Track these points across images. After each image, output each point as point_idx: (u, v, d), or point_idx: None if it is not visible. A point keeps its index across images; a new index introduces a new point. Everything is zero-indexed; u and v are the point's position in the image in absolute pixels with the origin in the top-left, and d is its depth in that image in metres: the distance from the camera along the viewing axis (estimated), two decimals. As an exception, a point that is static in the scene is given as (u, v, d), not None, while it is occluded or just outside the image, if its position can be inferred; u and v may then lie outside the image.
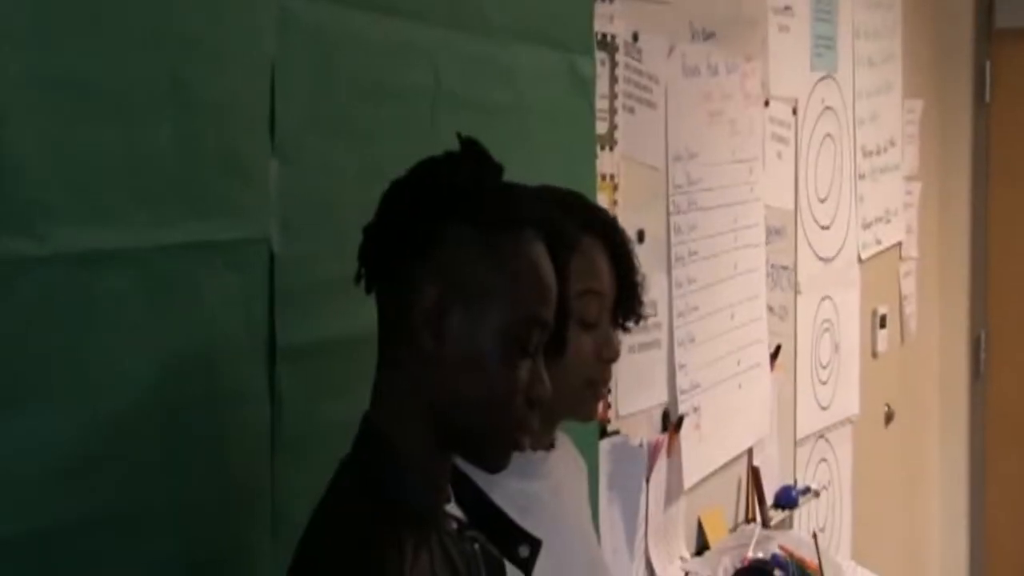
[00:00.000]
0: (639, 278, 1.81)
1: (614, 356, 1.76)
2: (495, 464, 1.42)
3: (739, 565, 2.67)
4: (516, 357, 1.38)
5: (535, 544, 1.50)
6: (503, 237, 1.38)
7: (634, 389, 2.72)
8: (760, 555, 2.70)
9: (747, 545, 2.70)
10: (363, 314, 1.54)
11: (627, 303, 1.78)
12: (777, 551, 2.67)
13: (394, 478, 1.36)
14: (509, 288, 1.37)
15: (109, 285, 1.47)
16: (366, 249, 1.44)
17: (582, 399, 1.78)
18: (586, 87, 2.36)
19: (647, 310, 2.70)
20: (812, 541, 2.70)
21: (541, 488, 1.78)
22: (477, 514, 1.50)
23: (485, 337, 1.36)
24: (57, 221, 1.40)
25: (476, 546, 1.43)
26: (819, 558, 2.60)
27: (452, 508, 1.45)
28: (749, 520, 3.28)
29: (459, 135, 1.46)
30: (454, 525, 1.43)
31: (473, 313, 1.36)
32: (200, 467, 1.62)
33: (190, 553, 1.59)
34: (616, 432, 2.66)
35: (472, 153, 1.43)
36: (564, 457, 1.87)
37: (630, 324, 1.82)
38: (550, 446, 1.82)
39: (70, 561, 1.43)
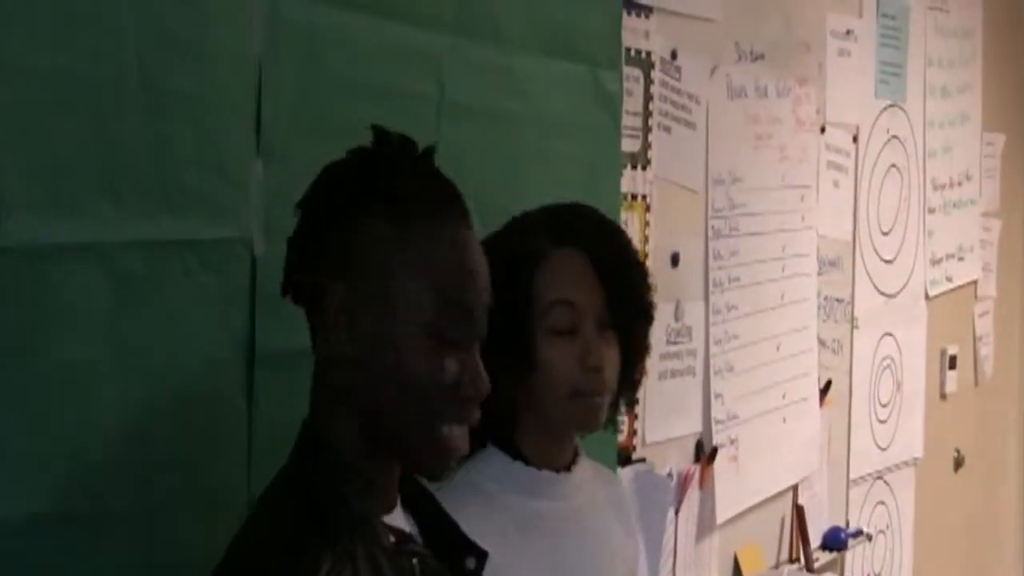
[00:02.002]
0: (633, 281, 1.75)
1: (596, 363, 1.70)
2: (431, 468, 1.37)
3: (765, 603, 2.58)
4: (437, 349, 1.31)
5: (481, 556, 1.44)
6: (417, 226, 1.32)
7: (663, 416, 2.65)
8: (789, 594, 2.60)
9: (775, 584, 2.60)
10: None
11: (622, 308, 1.72)
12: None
13: (326, 485, 1.31)
14: (421, 277, 1.31)
15: (70, 280, 1.45)
16: (287, 259, 1.40)
17: (571, 411, 1.72)
18: (611, 102, 2.31)
19: (680, 334, 2.66)
20: (844, 582, 2.60)
21: (551, 509, 1.74)
22: (425, 520, 1.44)
23: (398, 330, 1.30)
24: (11, 211, 1.37)
25: (414, 561, 1.37)
26: (850, 601, 2.50)
27: (396, 516, 1.40)
28: (792, 560, 3.18)
29: (374, 126, 1.40)
30: (391, 539, 1.36)
31: (384, 308, 1.31)
32: (173, 471, 1.59)
33: (161, 557, 1.56)
34: (641, 460, 2.59)
35: (401, 147, 1.37)
36: (591, 484, 1.82)
37: (637, 329, 1.76)
38: (567, 468, 1.78)
39: (32, 562, 1.40)
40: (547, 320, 1.70)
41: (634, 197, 2.50)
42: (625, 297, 1.73)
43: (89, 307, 1.48)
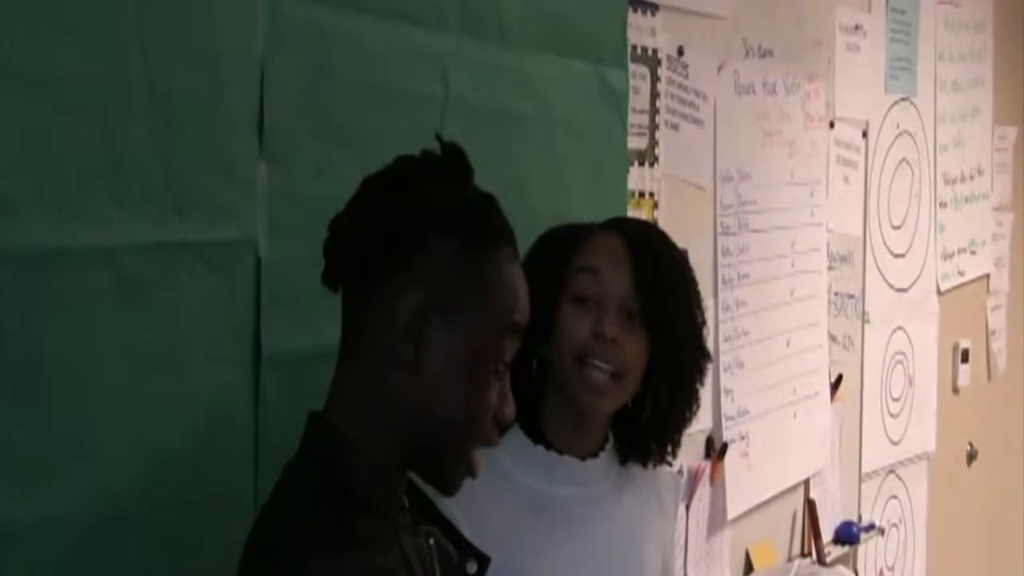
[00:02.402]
0: (663, 277, 1.75)
1: (605, 331, 1.70)
2: (449, 484, 1.38)
3: (774, 598, 2.58)
4: (492, 375, 1.35)
5: (483, 561, 1.45)
6: (483, 252, 1.35)
7: (673, 413, 2.64)
8: (798, 589, 2.60)
9: (785, 579, 2.61)
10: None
11: (652, 299, 1.73)
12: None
13: (353, 480, 1.32)
14: (487, 304, 1.34)
15: (76, 284, 1.46)
16: (338, 244, 1.39)
17: (577, 377, 1.73)
18: (618, 100, 2.31)
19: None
20: (854, 577, 2.60)
21: (570, 495, 1.76)
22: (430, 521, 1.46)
23: (464, 351, 1.33)
24: (17, 215, 1.38)
25: (431, 541, 1.40)
26: (860, 595, 2.50)
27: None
28: (805, 554, 3.18)
29: (439, 138, 1.41)
30: (408, 519, 1.39)
31: (453, 326, 1.32)
32: (179, 472, 1.60)
33: (168, 557, 1.57)
34: (652, 457, 2.59)
35: (456, 160, 1.39)
36: (617, 475, 1.82)
37: (672, 337, 1.75)
38: (592, 454, 1.79)
39: (38, 563, 1.41)
40: (572, 285, 1.72)
41: (642, 195, 2.50)
42: (656, 291, 1.73)
43: (96, 310, 1.49)
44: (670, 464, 1.89)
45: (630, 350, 1.73)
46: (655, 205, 2.55)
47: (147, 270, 1.54)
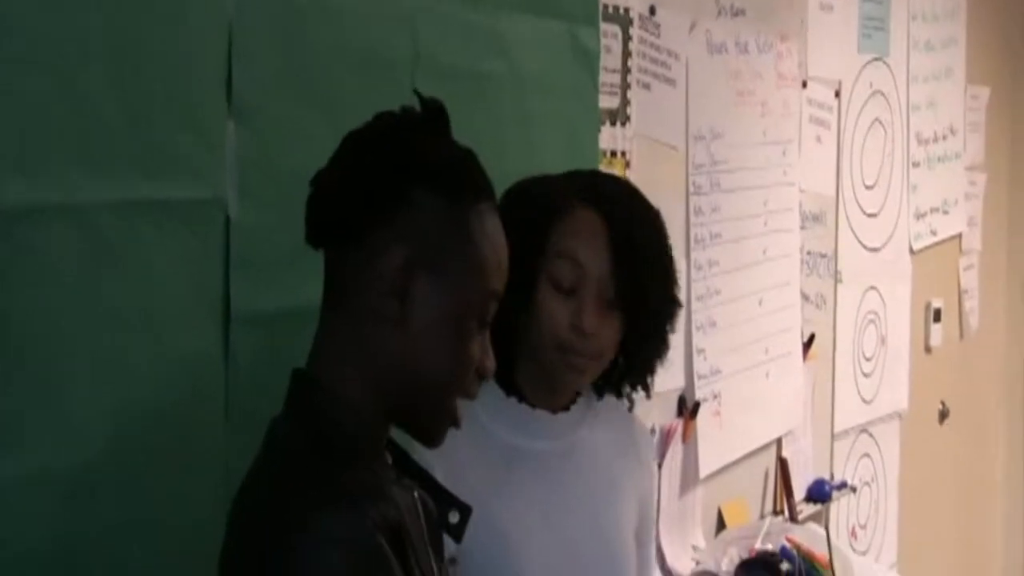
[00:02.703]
0: (644, 264, 1.75)
1: (583, 326, 1.72)
2: (433, 437, 1.40)
3: (745, 556, 2.60)
4: (475, 331, 1.36)
5: (465, 511, 1.46)
6: (466, 207, 1.36)
7: (645, 372, 2.65)
8: (769, 547, 2.62)
9: (756, 536, 2.62)
10: (322, 284, 1.51)
11: (627, 285, 1.73)
12: (785, 543, 2.59)
13: (340, 431, 1.34)
14: (472, 260, 1.35)
15: (42, 242, 1.46)
16: (320, 202, 1.40)
17: (555, 363, 1.75)
18: (589, 59, 2.31)
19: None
20: (824, 533, 2.61)
21: (544, 448, 1.77)
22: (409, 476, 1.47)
23: (447, 308, 1.34)
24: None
25: (415, 494, 1.41)
26: (830, 552, 2.52)
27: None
28: (777, 513, 3.20)
29: (417, 93, 1.41)
30: (393, 473, 1.41)
31: (438, 281, 1.34)
32: (150, 431, 1.60)
33: (138, 514, 1.57)
34: (624, 415, 2.60)
35: (436, 115, 1.39)
36: (592, 426, 1.84)
37: (641, 312, 1.76)
38: (564, 407, 1.80)
39: (7, 521, 1.41)
40: (551, 271, 1.72)
41: (613, 154, 2.50)
42: (633, 275, 1.73)
43: (63, 269, 1.48)
44: (647, 390, 1.89)
45: (606, 336, 1.75)
46: (627, 164, 2.55)
47: (115, 229, 1.54)
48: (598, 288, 1.73)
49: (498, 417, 1.77)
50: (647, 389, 1.88)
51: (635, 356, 1.81)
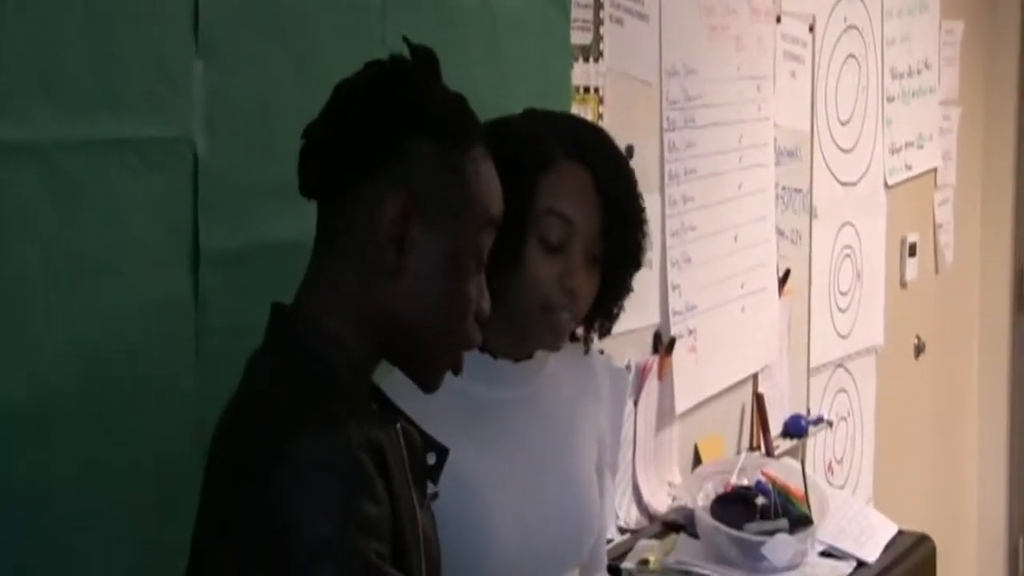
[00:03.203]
0: (632, 221, 1.74)
1: (574, 286, 1.70)
2: (431, 381, 1.41)
3: (721, 491, 2.61)
4: (472, 271, 1.37)
5: (442, 452, 1.46)
6: (460, 154, 1.36)
7: (620, 309, 2.65)
8: (744, 481, 2.63)
9: (732, 471, 2.63)
10: (292, 221, 1.51)
11: (614, 243, 1.72)
12: (761, 478, 2.60)
13: (324, 363, 1.34)
14: (467, 204, 1.36)
15: (5, 180, 1.44)
16: (314, 154, 1.39)
17: (538, 323, 1.73)
18: (561, -6, 2.29)
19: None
20: (800, 468, 2.63)
21: (507, 396, 1.76)
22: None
23: (445, 249, 1.35)
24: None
25: (398, 426, 1.40)
26: (805, 486, 2.53)
27: None
28: (753, 448, 3.22)
29: (407, 41, 1.40)
30: (375, 409, 1.41)
31: (434, 228, 1.34)
32: (120, 371, 1.60)
33: (107, 456, 1.57)
34: (599, 352, 2.60)
35: (427, 62, 1.39)
36: (555, 374, 1.83)
37: (622, 270, 1.76)
38: (523, 358, 1.78)
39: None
40: (540, 228, 1.69)
41: (587, 90, 2.49)
42: (620, 234, 1.72)
43: (27, 208, 1.47)
44: (607, 332, 1.88)
45: (587, 293, 1.74)
46: (600, 101, 2.54)
47: (79, 167, 1.53)
48: (586, 246, 1.71)
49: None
50: (607, 332, 1.86)
51: (601, 307, 1.80)
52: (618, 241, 1.73)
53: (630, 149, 2.66)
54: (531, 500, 1.77)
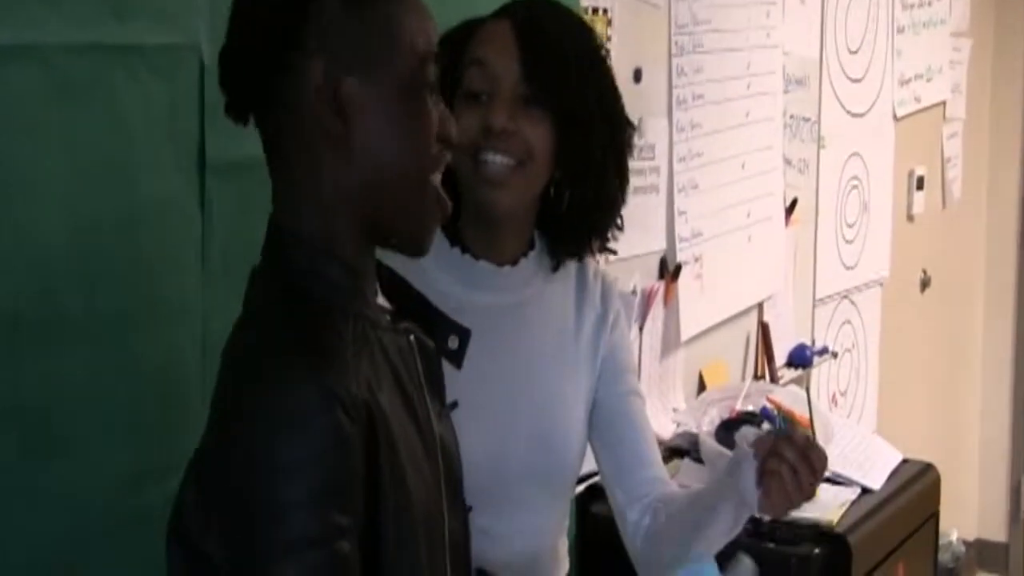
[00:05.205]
0: (547, 45, 1.68)
1: (492, 125, 1.65)
2: (423, 241, 1.34)
3: (725, 416, 2.61)
4: (423, 100, 1.31)
5: (464, 334, 1.42)
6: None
7: (626, 233, 2.62)
8: (749, 407, 2.63)
9: (737, 397, 2.63)
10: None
11: (536, 75, 1.67)
12: (766, 404, 2.60)
13: (316, 276, 1.30)
14: (390, 47, 1.29)
15: (9, 83, 1.43)
16: (228, 66, 1.34)
17: (471, 173, 1.68)
18: (569, -90, 2.25)
19: (643, 152, 2.64)
20: (805, 395, 2.62)
21: (490, 301, 1.72)
22: (403, 306, 1.42)
23: (385, 95, 1.28)
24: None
25: (411, 337, 1.37)
26: (810, 412, 2.53)
27: (380, 301, 1.38)
28: (758, 377, 3.21)
29: None
30: (387, 318, 1.36)
31: (366, 76, 1.28)
32: (125, 280, 1.59)
33: (112, 363, 1.56)
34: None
35: None
36: (540, 280, 1.78)
37: (561, 98, 1.68)
38: (506, 262, 1.75)
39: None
40: (463, 83, 1.67)
41: (595, 11, 2.46)
42: (543, 70, 1.67)
43: (32, 112, 1.46)
44: (610, 251, 1.85)
45: (530, 135, 1.67)
46: (609, 23, 2.51)
47: (86, 73, 1.51)
48: (510, 89, 1.67)
49: (442, 266, 1.70)
50: (605, 233, 1.79)
51: (580, 184, 1.73)
52: (544, 78, 1.67)
53: (638, 73, 2.64)
54: (503, 417, 1.72)
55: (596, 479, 2.54)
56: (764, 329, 3.20)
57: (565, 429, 1.79)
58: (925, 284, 4.32)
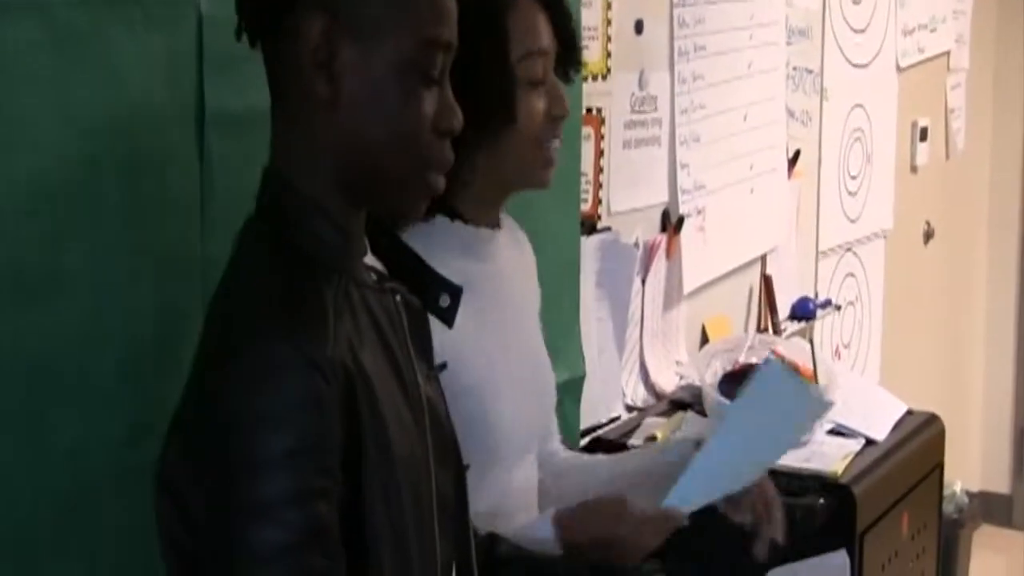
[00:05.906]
0: (576, 37, 1.76)
1: (563, 112, 1.70)
2: (406, 208, 1.34)
3: (729, 368, 2.60)
4: (419, 87, 1.29)
5: (455, 292, 1.42)
6: None
7: (628, 186, 2.64)
8: (753, 359, 2.62)
9: (741, 349, 2.63)
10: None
11: (569, 55, 1.74)
12: (770, 355, 2.59)
13: (306, 230, 1.29)
14: (399, 12, 1.27)
15: (6, 35, 1.41)
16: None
17: (533, 161, 1.71)
18: None
19: (645, 104, 2.64)
20: (808, 347, 2.62)
21: (480, 270, 1.72)
22: (395, 264, 1.42)
23: (381, 70, 1.27)
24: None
25: (398, 298, 1.36)
26: (814, 363, 2.52)
27: (370, 260, 1.38)
28: (761, 330, 3.21)
29: None
30: (373, 277, 1.36)
31: (364, 46, 1.26)
32: (125, 232, 1.57)
33: (112, 320, 1.55)
34: (607, 229, 2.59)
35: None
36: (510, 242, 1.81)
37: (572, 74, 1.77)
38: (496, 226, 1.76)
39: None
40: (525, 70, 1.67)
41: (595, -39, 2.45)
42: (572, 45, 1.73)
43: (30, 63, 1.44)
44: None
45: None
46: (609, -28, 2.49)
47: (85, 23, 1.49)
48: (555, 66, 1.72)
49: (449, 243, 1.71)
50: None
51: None
52: (569, 46, 1.73)
53: (639, 24, 2.63)
54: (522, 372, 1.76)
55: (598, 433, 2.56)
56: (767, 282, 3.20)
57: (552, 379, 1.86)
58: (929, 236, 4.31)
